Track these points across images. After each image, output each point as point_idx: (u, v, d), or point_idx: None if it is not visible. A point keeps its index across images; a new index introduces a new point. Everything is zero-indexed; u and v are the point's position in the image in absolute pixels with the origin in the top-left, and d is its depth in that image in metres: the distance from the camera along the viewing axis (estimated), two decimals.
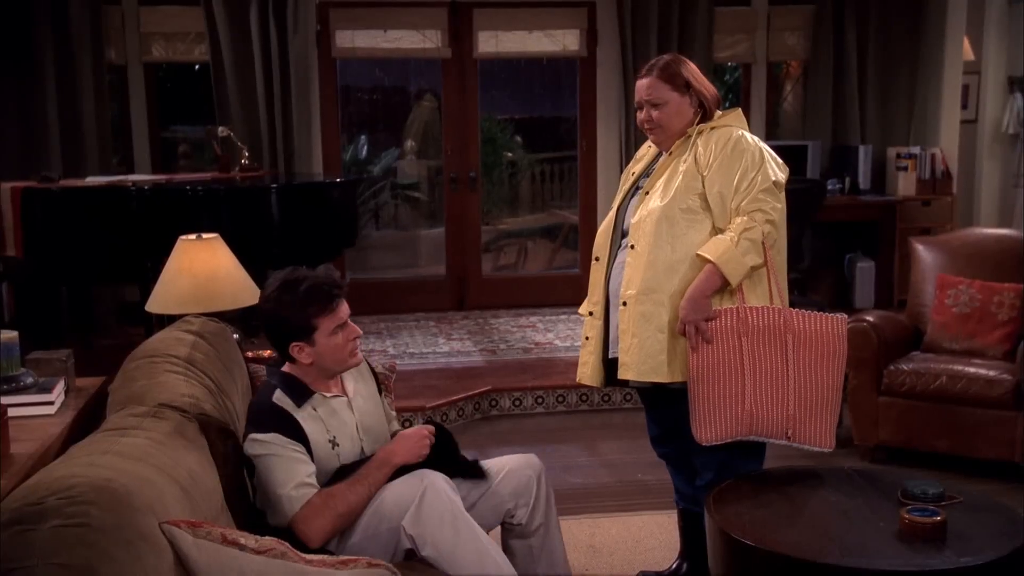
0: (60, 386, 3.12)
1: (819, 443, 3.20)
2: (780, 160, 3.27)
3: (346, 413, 2.95)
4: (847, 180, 7.78)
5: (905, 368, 4.84)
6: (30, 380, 3.06)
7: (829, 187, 7.53)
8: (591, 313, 3.44)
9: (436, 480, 2.70)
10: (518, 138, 9.72)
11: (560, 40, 7.92)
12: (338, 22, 7.64)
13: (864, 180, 7.77)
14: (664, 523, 4.20)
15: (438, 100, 8.36)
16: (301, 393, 2.85)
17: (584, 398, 5.95)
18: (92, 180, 6.32)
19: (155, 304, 3.96)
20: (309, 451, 2.78)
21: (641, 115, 3.34)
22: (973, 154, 8.29)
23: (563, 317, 7.66)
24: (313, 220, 6.01)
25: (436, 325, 7.49)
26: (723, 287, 3.14)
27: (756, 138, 3.26)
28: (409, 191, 9.70)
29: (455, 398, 5.73)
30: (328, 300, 2.82)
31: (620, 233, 3.35)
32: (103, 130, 7.22)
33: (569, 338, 6.99)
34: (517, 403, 5.92)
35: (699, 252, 3.13)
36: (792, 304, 3.25)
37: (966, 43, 8.01)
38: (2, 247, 5.84)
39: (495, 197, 9.52)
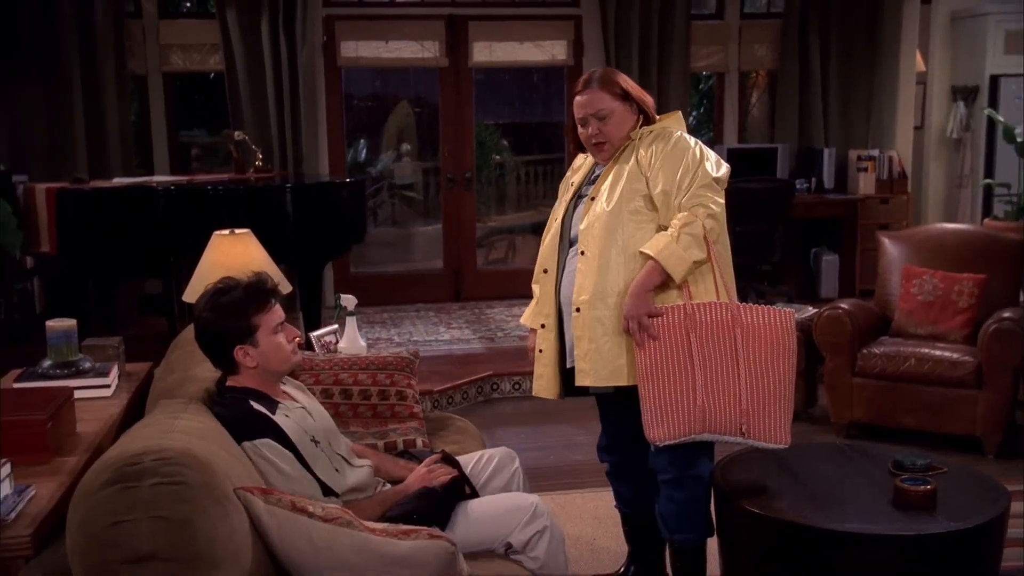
0: (115, 371, 3.11)
1: (774, 439, 2.90)
2: (719, 158, 3.07)
3: (307, 418, 2.73)
4: (813, 180, 7.85)
5: (877, 352, 4.89)
6: (88, 365, 3.05)
7: (797, 186, 7.59)
8: (543, 325, 3.14)
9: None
10: (504, 142, 9.72)
11: (549, 50, 7.94)
12: (343, 33, 7.62)
13: (828, 180, 7.84)
14: None
15: (413, 107, 8.37)
16: (268, 401, 2.63)
17: None
18: (119, 181, 6.28)
19: (192, 295, 3.91)
20: (298, 455, 2.55)
21: (586, 131, 3.06)
22: (922, 157, 8.39)
23: None
24: (325, 217, 5.99)
25: (436, 315, 7.49)
26: (667, 283, 2.90)
27: (694, 138, 3.06)
28: (405, 191, 9.68)
29: (459, 382, 5.74)
30: (265, 298, 2.65)
31: (567, 242, 3.08)
32: (125, 135, 7.19)
33: None
34: (517, 386, 5.93)
35: (641, 249, 2.90)
36: (762, 294, 3.17)
37: (918, 55, 8.10)
38: (36, 244, 5.79)
39: (485, 196, 9.51)
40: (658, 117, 3.13)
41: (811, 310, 5.50)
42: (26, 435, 2.37)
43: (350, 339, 4.09)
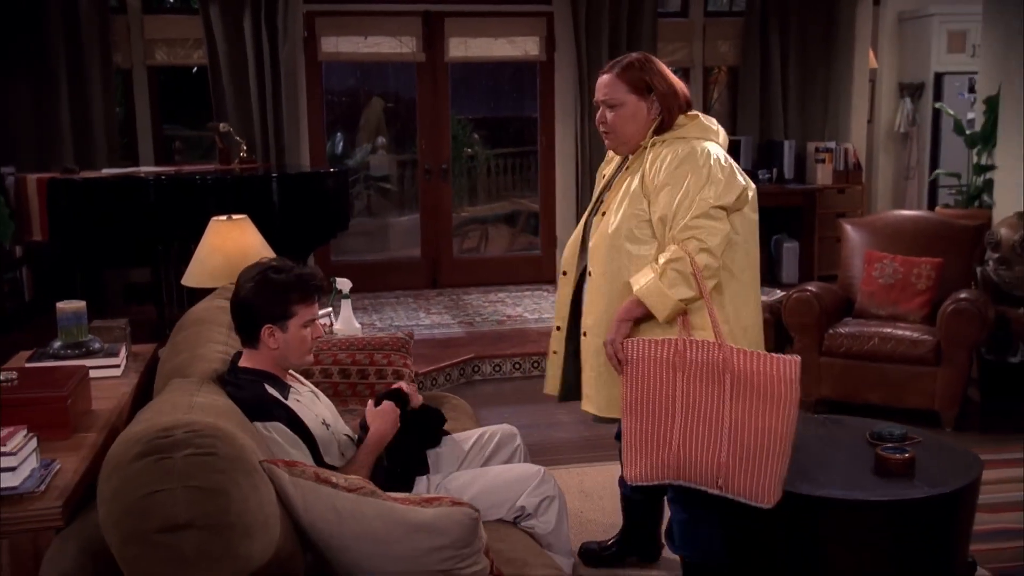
0: (123, 351, 3.07)
1: (755, 498, 2.54)
2: (735, 176, 2.67)
3: (316, 402, 2.74)
4: (774, 171, 7.92)
5: (842, 332, 4.95)
6: (97, 345, 3.01)
7: (759, 177, 7.65)
8: (559, 327, 3.00)
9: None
10: (476, 135, 9.69)
11: (522, 46, 7.93)
12: (323, 29, 7.56)
13: (788, 171, 7.92)
14: None
15: (389, 101, 8.32)
16: (281, 385, 2.60)
17: None
18: (107, 171, 6.19)
19: (191, 279, 3.90)
20: (309, 437, 2.54)
21: (598, 116, 2.84)
22: (872, 150, 8.50)
23: (528, 293, 7.70)
24: (311, 205, 5.96)
25: (415, 301, 7.47)
26: (651, 317, 2.63)
27: (712, 150, 2.69)
28: (381, 183, 9.63)
29: (442, 365, 5.73)
30: (310, 292, 2.61)
31: (586, 249, 2.89)
32: (111, 127, 7.09)
33: (537, 311, 7.02)
34: (497, 368, 5.94)
35: (630, 280, 2.67)
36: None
37: (871, 53, 8.20)
38: (28, 233, 5.69)
39: (458, 188, 9.49)
40: (680, 120, 2.77)
41: (779, 293, 5.56)
42: (48, 411, 2.33)
43: (345, 320, 4.08)
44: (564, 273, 2.97)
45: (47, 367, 2.74)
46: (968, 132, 6.75)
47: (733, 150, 7.58)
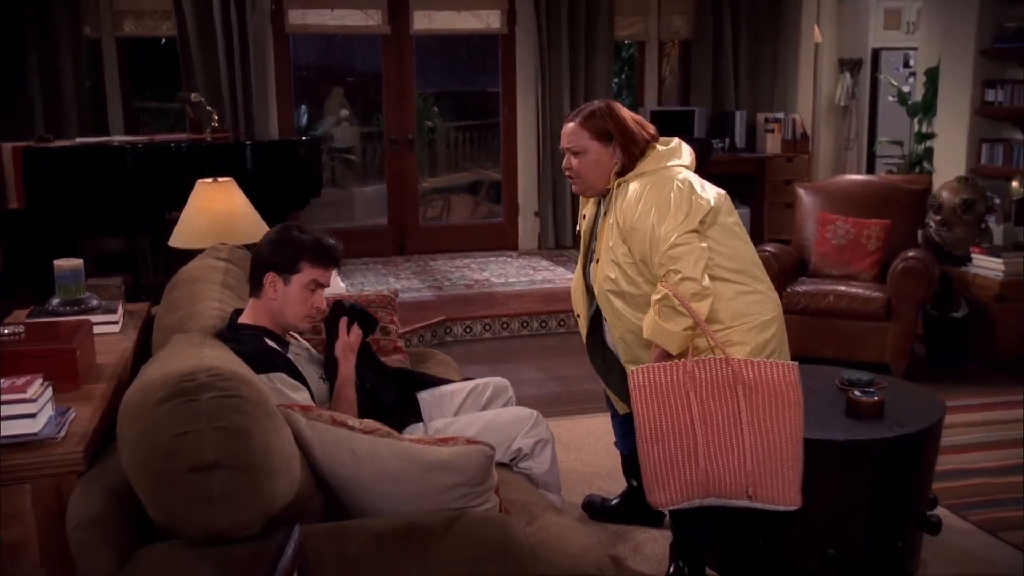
0: (121, 308, 3.01)
1: (783, 501, 2.54)
2: (697, 197, 2.66)
3: (314, 355, 2.74)
4: (727, 140, 7.97)
5: (800, 290, 5.02)
6: (96, 302, 2.94)
7: (714, 146, 7.69)
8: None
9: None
10: (435, 108, 9.62)
11: (485, 19, 7.86)
12: (291, 2, 7.42)
13: (740, 140, 7.98)
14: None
15: (355, 75, 8.24)
16: (280, 341, 2.58)
17: (525, 324, 5.99)
18: (82, 140, 6.03)
19: (178, 239, 3.82)
20: (308, 388, 2.53)
21: (564, 163, 2.86)
22: (815, 122, 8.59)
23: (493, 259, 7.69)
24: (284, 173, 5.87)
25: (384, 268, 7.42)
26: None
27: (669, 177, 2.69)
28: (345, 154, 9.53)
29: (415, 327, 5.70)
30: (324, 256, 2.58)
31: (592, 294, 2.98)
32: (81, 98, 6.90)
33: (503, 275, 7.01)
34: (468, 330, 5.93)
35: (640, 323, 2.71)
36: None
37: (816, 27, 8.26)
38: (4, 201, 5.53)
39: (420, 160, 9.42)
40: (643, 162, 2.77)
41: None
42: (57, 363, 2.28)
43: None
44: (578, 316, 3.09)
45: (51, 322, 2.68)
46: (911, 103, 6.85)
47: (686, 121, 7.71)
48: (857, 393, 2.99)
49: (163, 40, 7.50)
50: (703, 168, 7.64)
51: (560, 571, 2.05)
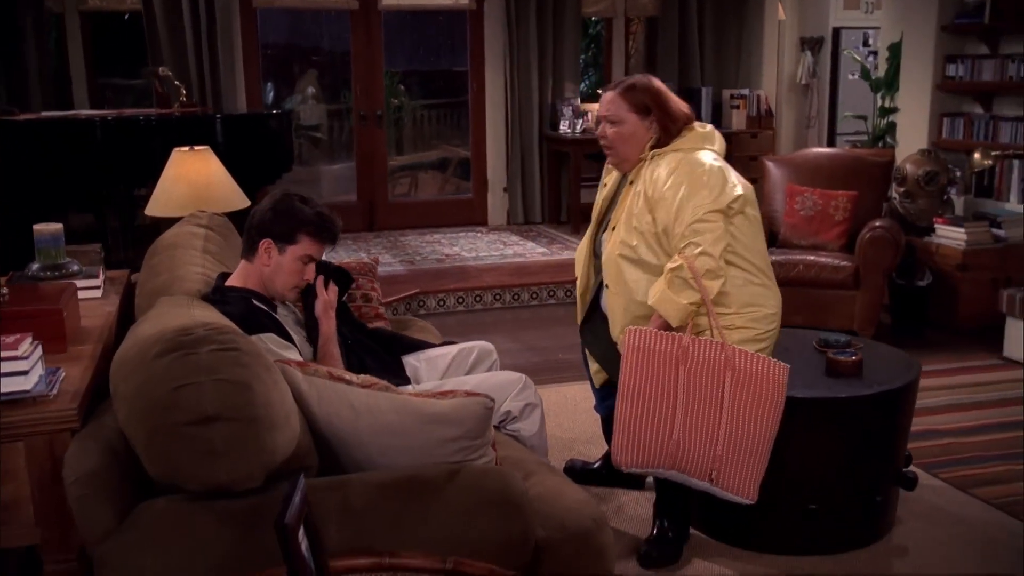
0: (102, 273, 2.95)
1: (742, 492, 2.57)
2: (729, 181, 2.68)
3: (300, 320, 2.73)
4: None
5: (771, 260, 5.04)
6: (76, 267, 2.88)
7: None
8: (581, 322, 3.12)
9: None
10: (401, 87, 9.54)
11: None
12: None
13: (706, 116, 7.98)
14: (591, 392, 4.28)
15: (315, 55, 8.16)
16: (268, 303, 2.56)
17: (498, 297, 5.98)
18: (47, 114, 5.89)
19: (155, 208, 3.75)
20: (296, 349, 2.50)
21: (599, 130, 2.87)
22: (777, 100, 8.64)
23: (463, 234, 7.66)
24: (255, 146, 5.78)
25: (354, 243, 7.35)
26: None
27: (705, 158, 2.71)
28: (311, 132, 9.42)
29: (389, 299, 5.65)
30: (324, 232, 2.56)
31: (598, 258, 2.94)
32: (45, 72, 6.73)
33: (473, 250, 6.99)
34: (441, 303, 5.90)
35: (646, 292, 2.70)
36: None
37: (780, 5, 8.30)
38: None
39: (389, 137, 9.36)
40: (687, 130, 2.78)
41: None
42: (44, 324, 2.22)
43: None
44: (576, 281, 3.07)
45: (35, 285, 2.61)
46: (875, 78, 6.91)
47: None
48: (835, 354, 3.02)
49: (127, 15, 7.35)
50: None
51: (558, 523, 2.05)
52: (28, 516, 1.92)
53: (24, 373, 1.92)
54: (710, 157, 2.74)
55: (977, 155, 5.56)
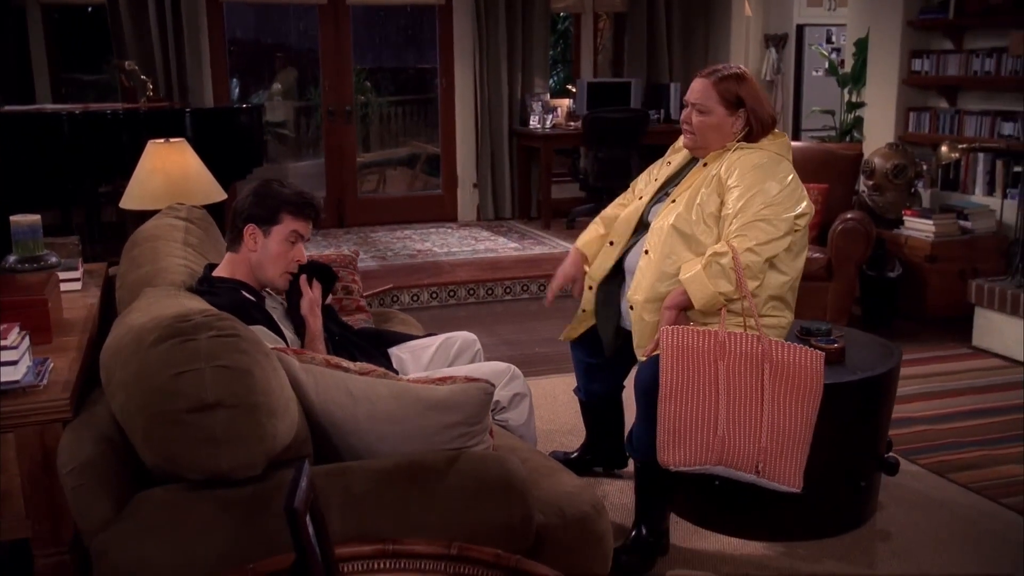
0: (80, 266, 2.89)
1: (788, 482, 2.56)
2: (804, 200, 2.72)
3: (285, 311, 2.69)
4: (662, 111, 8.02)
5: None
6: (55, 259, 2.83)
7: (650, 117, 7.74)
8: (591, 287, 3.01)
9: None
10: (368, 83, 9.49)
11: None
12: None
13: (675, 111, 8.02)
14: (570, 383, 4.27)
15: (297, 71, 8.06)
16: (257, 294, 2.54)
17: (472, 292, 5.96)
18: (10, 108, 5.77)
19: (131, 200, 3.69)
20: (285, 342, 2.47)
21: (684, 113, 2.82)
22: None
23: (433, 230, 7.64)
24: (225, 141, 5.72)
25: (324, 239, 7.29)
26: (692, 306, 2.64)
27: (790, 169, 2.74)
28: (278, 128, 9.33)
29: (364, 294, 5.60)
30: (306, 208, 2.54)
31: (642, 226, 2.90)
32: (5, 67, 6.59)
33: (445, 245, 6.97)
34: (415, 298, 5.88)
35: (681, 266, 2.68)
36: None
37: (746, 3, 8.37)
38: None
39: (358, 132, 9.30)
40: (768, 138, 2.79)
41: None
42: (30, 315, 2.17)
43: None
44: (611, 243, 2.97)
45: (15, 276, 2.55)
46: (841, 73, 6.99)
47: (623, 92, 7.73)
48: (818, 341, 3.05)
49: (91, 7, 7.22)
50: (639, 138, 7.69)
51: (556, 509, 2.04)
52: (19, 509, 1.88)
53: (13, 363, 1.88)
54: (792, 170, 2.76)
55: (944, 148, 5.64)
